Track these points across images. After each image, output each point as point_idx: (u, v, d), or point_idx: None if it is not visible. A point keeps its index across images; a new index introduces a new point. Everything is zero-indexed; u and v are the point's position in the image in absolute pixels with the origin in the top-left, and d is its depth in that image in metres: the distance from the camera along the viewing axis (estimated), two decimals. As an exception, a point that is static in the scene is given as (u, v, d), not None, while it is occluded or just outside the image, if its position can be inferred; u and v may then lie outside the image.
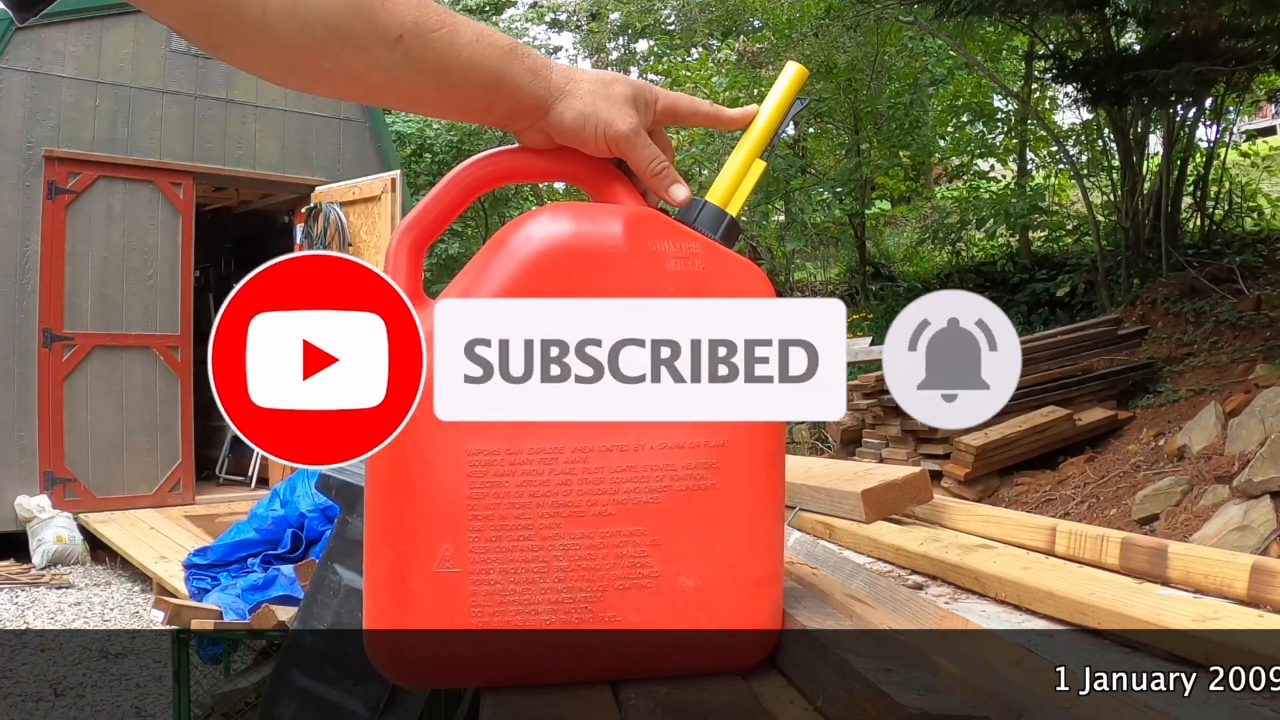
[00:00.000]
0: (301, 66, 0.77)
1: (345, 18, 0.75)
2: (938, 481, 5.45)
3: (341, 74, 0.78)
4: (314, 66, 0.77)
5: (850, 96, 10.76)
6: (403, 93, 0.81)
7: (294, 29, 0.74)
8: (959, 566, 1.79)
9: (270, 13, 0.73)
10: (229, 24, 0.73)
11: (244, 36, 0.74)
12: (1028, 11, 7.36)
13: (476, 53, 0.80)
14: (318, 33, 0.74)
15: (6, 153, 5.94)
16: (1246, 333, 6.46)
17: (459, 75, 0.80)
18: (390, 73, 0.78)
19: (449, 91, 0.80)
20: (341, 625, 1.53)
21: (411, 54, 0.77)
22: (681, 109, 0.88)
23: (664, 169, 0.86)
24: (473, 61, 0.80)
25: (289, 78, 0.79)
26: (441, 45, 0.78)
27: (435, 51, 0.78)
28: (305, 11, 0.73)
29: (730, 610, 0.83)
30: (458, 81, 0.80)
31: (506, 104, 0.82)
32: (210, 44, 0.76)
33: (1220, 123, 8.98)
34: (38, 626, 4.51)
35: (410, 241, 0.87)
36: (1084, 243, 9.72)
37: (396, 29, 0.76)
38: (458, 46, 0.79)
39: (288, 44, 0.74)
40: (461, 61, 0.79)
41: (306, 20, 0.74)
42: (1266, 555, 3.19)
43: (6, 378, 5.92)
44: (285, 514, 3.78)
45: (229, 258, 8.47)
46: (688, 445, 0.81)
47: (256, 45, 0.75)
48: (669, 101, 0.87)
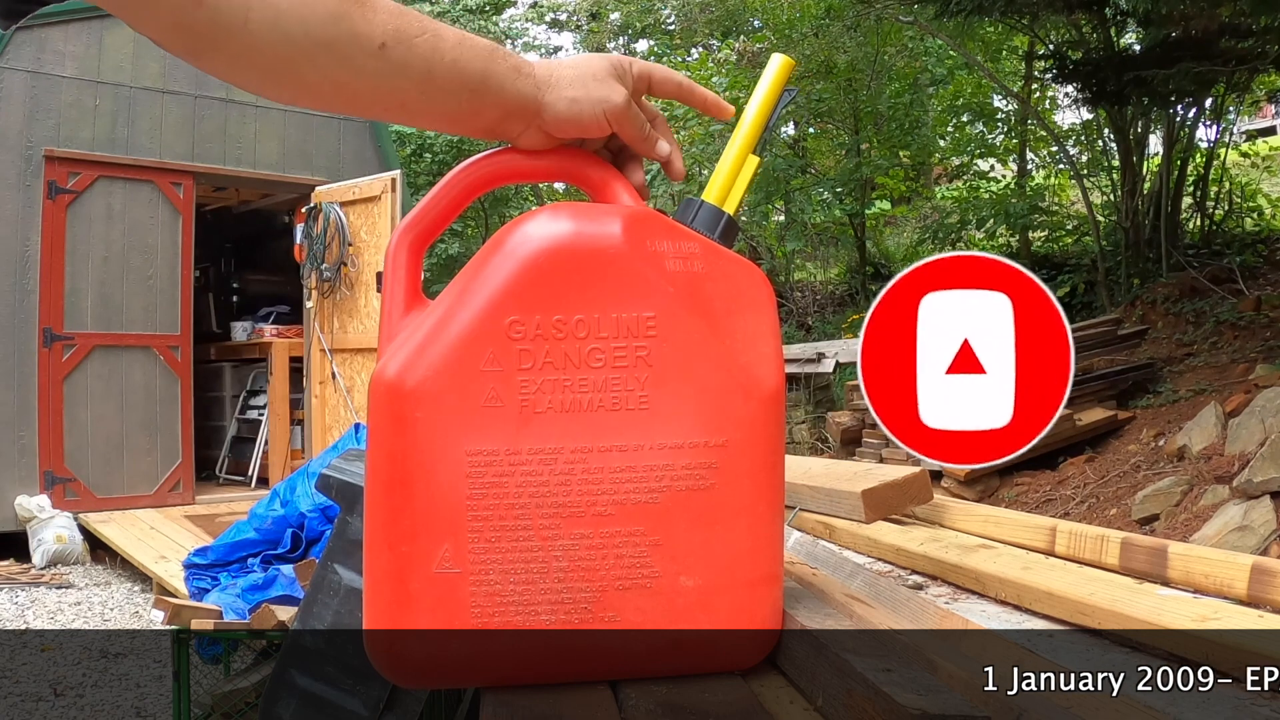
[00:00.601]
0: (284, 76, 0.77)
1: (327, 26, 0.75)
2: (938, 481, 5.45)
3: (325, 84, 0.78)
4: (297, 76, 0.77)
5: (850, 96, 10.76)
6: (388, 101, 0.80)
7: (276, 38, 0.73)
8: (959, 566, 1.79)
9: (252, 22, 0.72)
10: (211, 34, 0.73)
11: (226, 46, 0.74)
12: (1028, 11, 7.36)
13: (460, 56, 0.80)
14: (300, 42, 0.74)
15: (6, 153, 5.94)
16: (1246, 333, 6.46)
17: (444, 79, 0.80)
18: (375, 80, 0.78)
19: (435, 96, 0.80)
20: (341, 625, 1.53)
21: (395, 60, 0.77)
22: (656, 76, 0.89)
23: (652, 133, 0.88)
24: (457, 64, 0.80)
25: (272, 88, 0.79)
26: (425, 50, 0.78)
27: (419, 57, 0.78)
28: (287, 21, 0.73)
29: (730, 610, 0.83)
30: (443, 85, 0.80)
31: (495, 106, 0.82)
32: (192, 54, 0.75)
33: (1220, 123, 8.97)
34: (38, 626, 4.51)
35: (410, 241, 0.87)
36: (1084, 243, 9.71)
37: (379, 36, 0.76)
38: (441, 50, 0.79)
39: (270, 54, 0.74)
40: (446, 65, 0.79)
41: (288, 30, 0.73)
42: (1266, 555, 3.19)
43: (6, 378, 5.92)
44: (285, 514, 3.78)
45: (229, 258, 8.47)
46: (687, 445, 0.81)
47: (239, 55, 0.74)
48: (642, 68, 0.88)
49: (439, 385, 0.78)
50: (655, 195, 10.15)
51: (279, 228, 8.15)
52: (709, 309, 0.82)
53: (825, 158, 12.13)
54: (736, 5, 12.40)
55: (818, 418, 7.21)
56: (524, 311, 0.79)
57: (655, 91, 0.89)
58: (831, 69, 10.44)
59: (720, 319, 0.82)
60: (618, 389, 0.80)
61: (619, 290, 0.80)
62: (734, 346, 0.82)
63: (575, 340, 0.80)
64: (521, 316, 0.79)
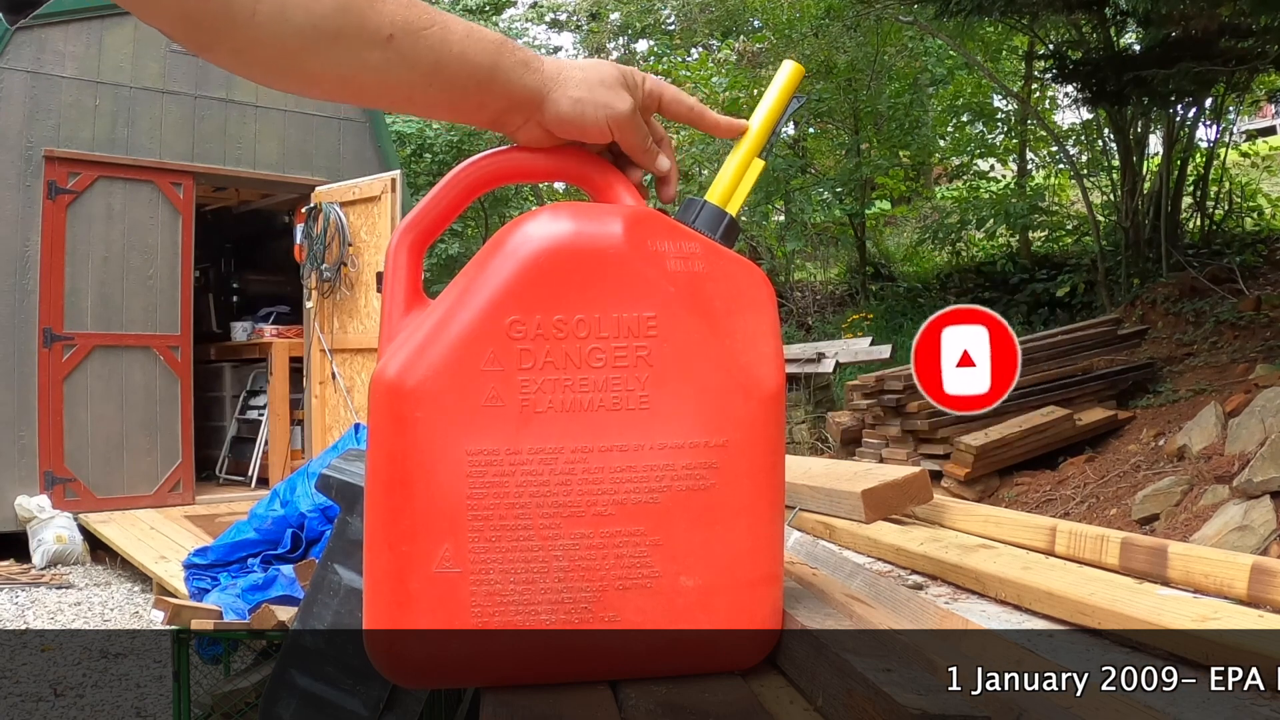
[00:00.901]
0: (291, 68, 0.76)
1: (335, 18, 0.74)
2: (938, 481, 5.46)
3: (332, 75, 0.77)
4: (304, 68, 0.76)
5: (850, 96, 10.77)
6: (395, 93, 0.80)
7: (284, 30, 0.73)
8: (959, 566, 1.79)
9: (260, 14, 0.72)
10: (218, 25, 0.72)
11: (233, 38, 0.73)
12: (1028, 11, 7.36)
13: (468, 48, 0.79)
14: (308, 34, 0.74)
15: (6, 153, 5.94)
16: (1246, 333, 6.46)
17: (453, 70, 0.79)
18: (382, 72, 0.78)
19: (442, 88, 0.80)
20: (341, 625, 1.53)
21: (404, 52, 0.77)
22: (667, 96, 0.88)
23: (654, 148, 0.87)
24: (465, 56, 0.79)
25: (279, 80, 0.78)
26: (434, 42, 0.78)
27: (428, 48, 0.78)
28: (295, 12, 0.73)
29: (730, 610, 0.83)
30: (451, 77, 0.79)
31: (501, 98, 0.82)
32: (199, 46, 0.75)
33: (1220, 123, 8.98)
34: (38, 626, 4.51)
35: (410, 241, 0.87)
36: (1084, 243, 9.72)
37: (387, 28, 0.76)
38: (449, 42, 0.79)
39: (278, 45, 0.74)
40: (454, 56, 0.79)
41: (296, 21, 0.73)
42: (1266, 555, 3.18)
43: (6, 378, 5.93)
44: (285, 514, 3.78)
45: (229, 258, 8.47)
46: (687, 445, 0.81)
47: (246, 47, 0.74)
48: (655, 85, 0.87)
49: (439, 385, 0.78)
50: (655, 195, 10.15)
51: (279, 228, 8.15)
52: (709, 309, 0.82)
53: (825, 158, 12.14)
54: (736, 5, 12.41)
55: (818, 418, 7.21)
56: (524, 311, 0.79)
57: (665, 112, 0.88)
58: (831, 69, 10.44)
59: (721, 319, 0.82)
60: (618, 389, 0.80)
61: (620, 290, 0.80)
62: (734, 346, 0.82)
63: (576, 340, 0.80)
64: (522, 316, 0.79)
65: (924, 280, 11.03)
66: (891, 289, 10.96)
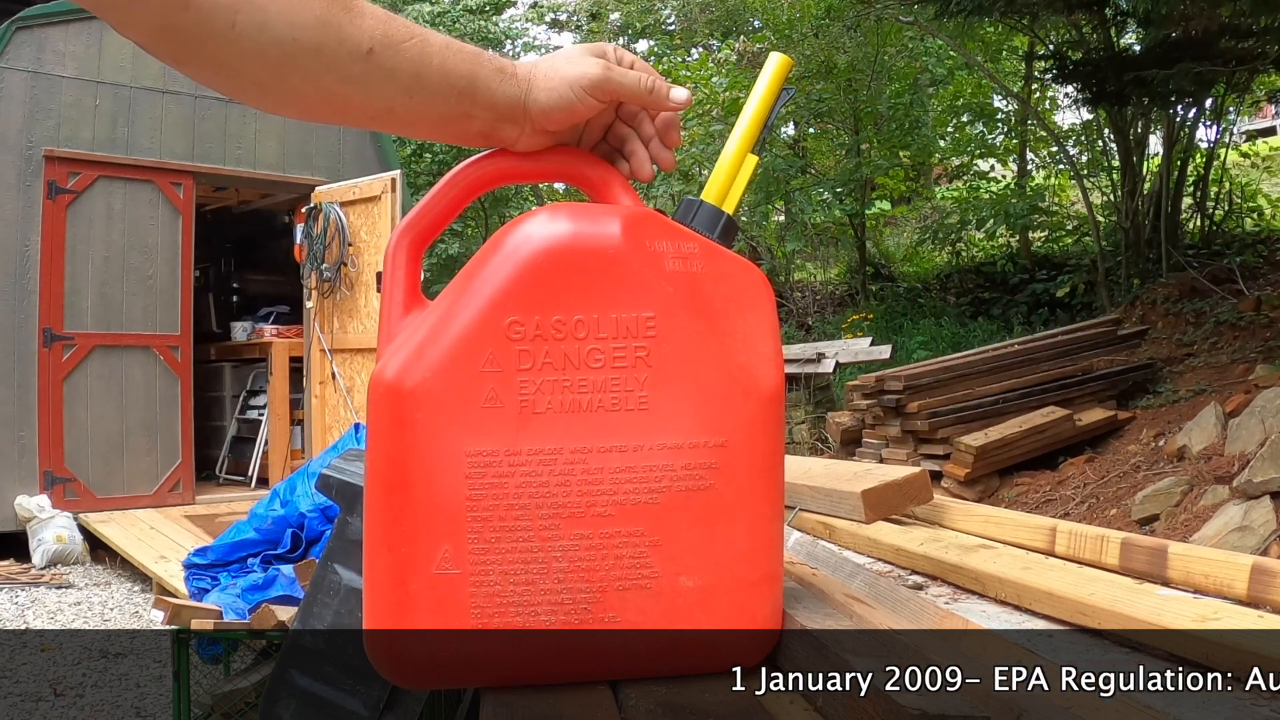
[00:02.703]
0: (271, 83, 0.76)
1: (313, 31, 0.74)
2: (938, 481, 5.46)
3: (312, 90, 0.77)
4: (284, 83, 0.76)
5: (850, 96, 10.77)
6: (376, 106, 0.80)
7: (263, 43, 0.73)
8: (959, 566, 1.79)
9: (239, 26, 0.72)
10: (197, 38, 0.72)
11: (213, 51, 0.73)
12: (1028, 11, 7.36)
13: (447, 59, 0.80)
14: (287, 47, 0.74)
15: (6, 153, 5.94)
16: (1246, 333, 6.46)
17: (433, 82, 0.79)
18: (363, 86, 0.77)
19: (424, 100, 0.80)
20: (341, 625, 1.53)
21: (384, 65, 0.77)
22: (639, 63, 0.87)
23: (655, 83, 0.85)
24: (445, 67, 0.79)
25: (259, 95, 0.78)
26: (413, 54, 0.78)
27: (408, 61, 0.78)
28: (274, 25, 0.73)
29: (730, 610, 0.83)
30: (432, 88, 0.79)
31: (485, 109, 0.82)
32: (178, 59, 0.75)
33: (1220, 123, 8.98)
34: (38, 626, 4.51)
35: (410, 241, 0.87)
36: (1084, 243, 9.72)
37: (366, 42, 0.76)
38: (428, 54, 0.79)
39: (257, 59, 0.74)
40: (434, 68, 0.79)
41: (276, 34, 0.73)
42: (1266, 555, 3.18)
43: (6, 378, 5.93)
44: (285, 514, 3.78)
45: (229, 258, 8.47)
46: (687, 445, 0.81)
47: (226, 60, 0.74)
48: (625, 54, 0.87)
49: (439, 386, 0.78)
50: (655, 195, 10.15)
51: (279, 228, 8.15)
52: (708, 309, 0.82)
53: (825, 158, 12.14)
54: (736, 5, 12.40)
55: (818, 418, 7.21)
56: (523, 312, 0.79)
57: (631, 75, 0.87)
58: (831, 69, 10.44)
59: (720, 319, 0.82)
60: (617, 389, 0.80)
61: (618, 290, 0.80)
62: (733, 346, 0.82)
63: (575, 340, 0.80)
64: (521, 317, 0.79)
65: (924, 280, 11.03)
66: (891, 289, 10.97)
